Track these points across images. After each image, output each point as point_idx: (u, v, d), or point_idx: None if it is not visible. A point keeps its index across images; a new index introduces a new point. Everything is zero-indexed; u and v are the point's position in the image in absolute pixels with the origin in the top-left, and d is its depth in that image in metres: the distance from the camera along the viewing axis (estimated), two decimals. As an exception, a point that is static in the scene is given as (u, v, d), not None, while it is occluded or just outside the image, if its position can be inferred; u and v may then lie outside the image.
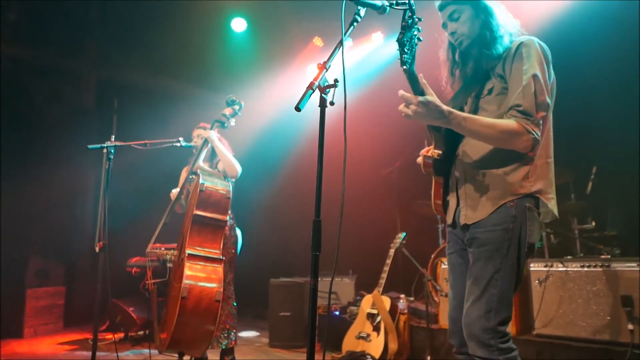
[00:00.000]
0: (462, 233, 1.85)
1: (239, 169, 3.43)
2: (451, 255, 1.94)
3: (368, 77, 5.69)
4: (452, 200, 1.89)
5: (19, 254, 5.12)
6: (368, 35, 5.85)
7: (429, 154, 1.86)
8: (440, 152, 1.84)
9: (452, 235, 1.93)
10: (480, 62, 1.83)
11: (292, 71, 6.33)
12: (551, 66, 1.78)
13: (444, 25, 1.90)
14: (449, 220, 1.91)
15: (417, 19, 1.56)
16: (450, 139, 1.85)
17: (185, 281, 2.90)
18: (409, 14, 1.56)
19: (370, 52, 5.94)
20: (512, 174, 1.73)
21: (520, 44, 1.76)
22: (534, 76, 1.68)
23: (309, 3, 5.44)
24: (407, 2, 1.57)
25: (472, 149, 1.81)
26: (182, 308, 2.84)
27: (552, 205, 1.77)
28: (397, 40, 1.56)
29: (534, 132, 1.64)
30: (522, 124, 1.64)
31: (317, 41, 6.19)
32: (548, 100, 1.71)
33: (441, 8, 1.89)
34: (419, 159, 1.92)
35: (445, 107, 1.64)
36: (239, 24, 6.02)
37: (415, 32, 1.56)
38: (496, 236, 1.70)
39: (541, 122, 1.68)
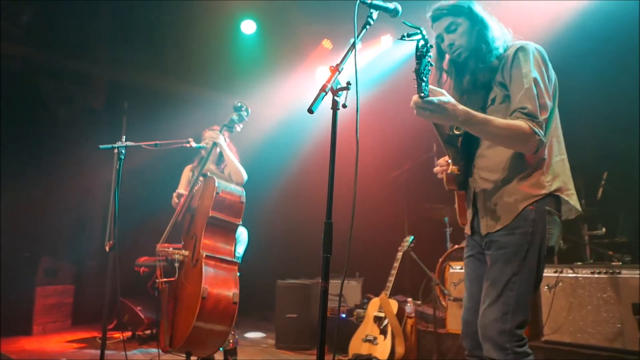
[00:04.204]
0: (480, 238, 1.86)
1: (245, 176, 3.52)
2: (468, 259, 1.95)
3: (376, 79, 5.68)
4: (469, 210, 1.91)
5: (29, 252, 5.18)
6: (377, 38, 5.85)
7: (449, 170, 1.86)
8: (458, 167, 1.85)
9: (470, 240, 1.95)
10: (476, 75, 1.85)
11: (301, 73, 6.34)
12: (550, 67, 1.79)
13: (439, 37, 1.89)
14: (467, 229, 1.93)
15: (429, 47, 1.56)
16: (465, 153, 1.87)
17: (205, 283, 2.91)
18: (421, 42, 1.55)
19: (379, 54, 5.93)
20: (529, 178, 1.74)
21: (517, 50, 1.77)
22: (535, 80, 1.70)
23: (318, 5, 5.45)
24: (419, 32, 1.56)
25: (486, 160, 1.83)
26: (202, 309, 2.85)
27: (574, 201, 1.77)
28: (415, 71, 1.56)
29: (539, 134, 1.66)
30: (529, 125, 1.66)
31: (327, 43, 6.20)
32: (549, 102, 1.72)
33: (435, 19, 1.88)
34: (439, 172, 1.92)
35: (454, 105, 1.63)
36: (248, 26, 6.04)
37: (428, 59, 1.56)
38: (515, 239, 1.71)
39: (544, 124, 1.69)
